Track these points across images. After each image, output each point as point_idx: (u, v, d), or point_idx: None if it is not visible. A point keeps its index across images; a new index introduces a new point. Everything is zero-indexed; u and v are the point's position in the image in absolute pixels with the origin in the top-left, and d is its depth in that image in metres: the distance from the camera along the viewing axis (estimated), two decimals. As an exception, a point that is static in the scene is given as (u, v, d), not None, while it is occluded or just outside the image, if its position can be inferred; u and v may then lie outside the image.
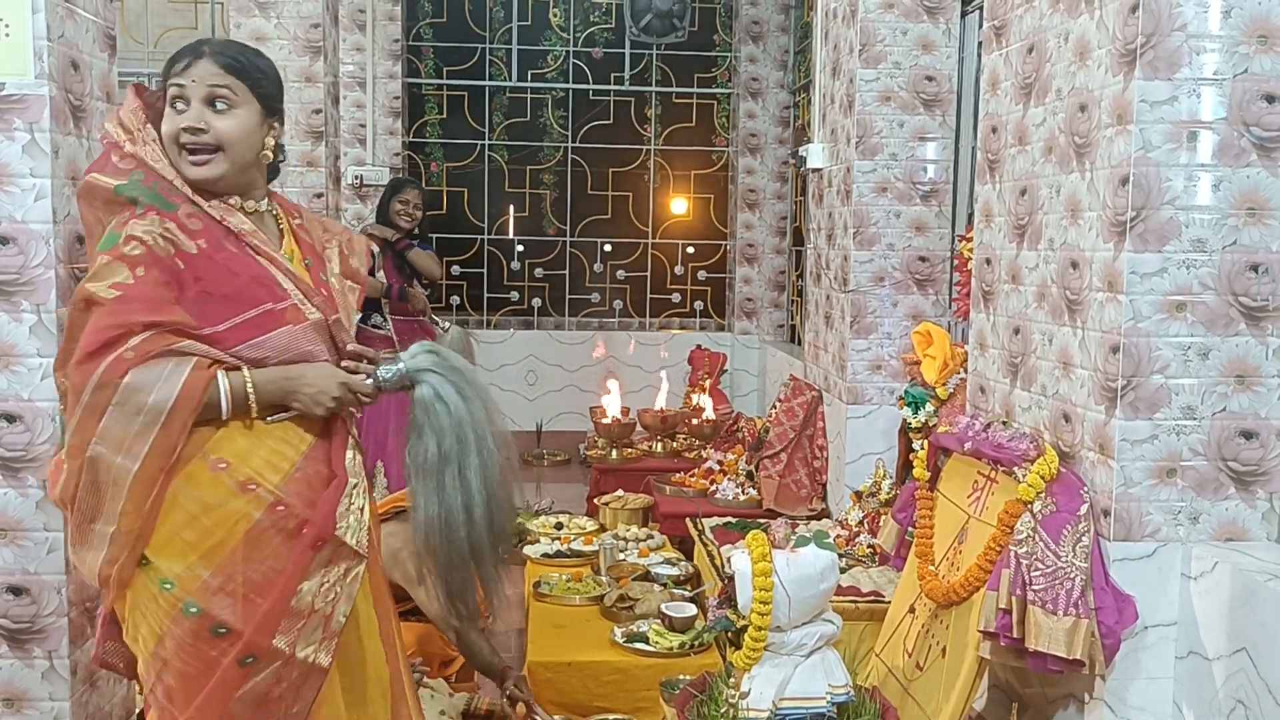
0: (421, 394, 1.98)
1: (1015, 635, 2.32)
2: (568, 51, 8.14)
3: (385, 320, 4.91)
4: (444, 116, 8.15)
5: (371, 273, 4.89)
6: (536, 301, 8.25)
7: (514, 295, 8.27)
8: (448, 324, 4.98)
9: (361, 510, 1.98)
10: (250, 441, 1.89)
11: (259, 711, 1.88)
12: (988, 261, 2.94)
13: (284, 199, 2.17)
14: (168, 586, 1.83)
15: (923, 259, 4.41)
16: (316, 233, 2.17)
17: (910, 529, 3.01)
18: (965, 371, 3.27)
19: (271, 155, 2.03)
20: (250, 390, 1.86)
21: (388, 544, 2.52)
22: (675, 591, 3.62)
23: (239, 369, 1.87)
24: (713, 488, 4.91)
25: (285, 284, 1.97)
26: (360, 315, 2.66)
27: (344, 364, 2.00)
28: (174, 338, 1.81)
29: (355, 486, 1.97)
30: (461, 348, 2.36)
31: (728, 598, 2.43)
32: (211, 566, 1.84)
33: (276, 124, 2.02)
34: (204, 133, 1.91)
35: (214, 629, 1.83)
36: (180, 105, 1.92)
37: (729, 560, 2.44)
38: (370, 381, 1.98)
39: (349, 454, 1.99)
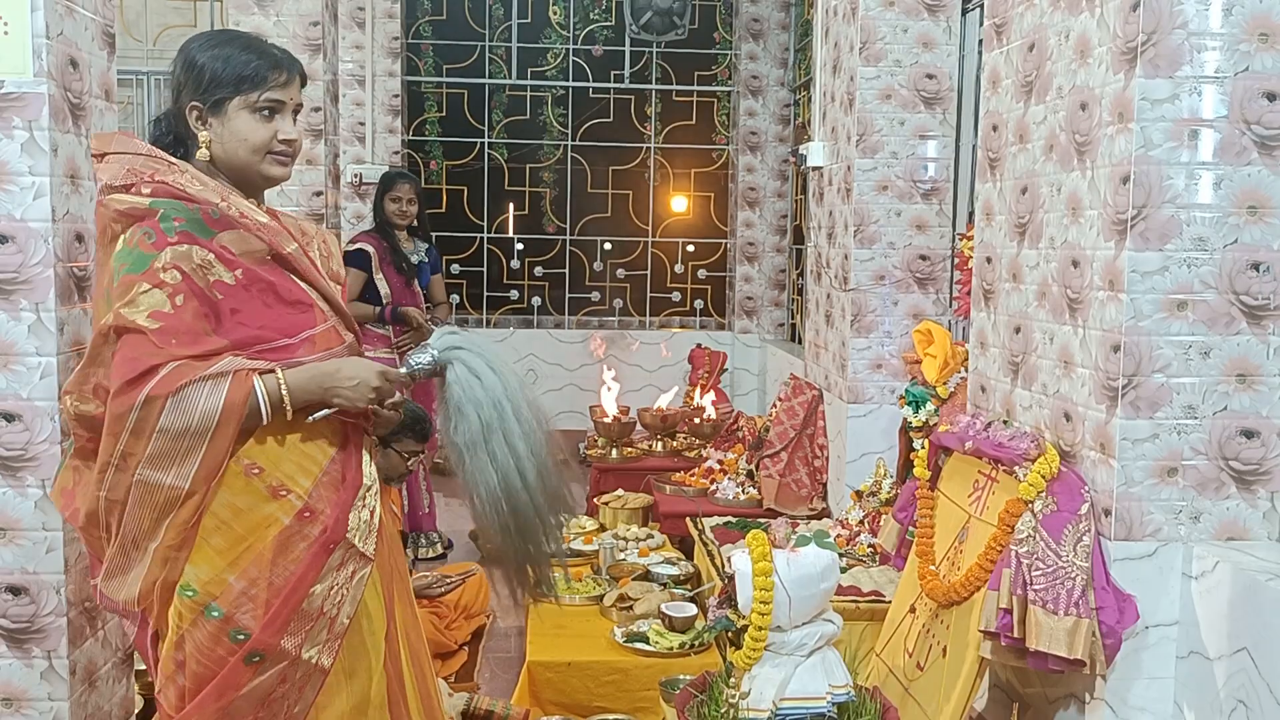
0: (456, 373, 2.01)
1: (1016, 635, 2.31)
2: (567, 49, 8.13)
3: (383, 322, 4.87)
4: (443, 114, 8.15)
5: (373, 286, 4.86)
6: (536, 300, 8.25)
7: (514, 294, 8.26)
8: (436, 323, 4.92)
9: (373, 513, 1.98)
10: (282, 446, 1.90)
11: (260, 711, 1.89)
12: (988, 260, 2.94)
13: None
14: (189, 593, 1.85)
15: (923, 257, 4.41)
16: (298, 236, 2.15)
17: (911, 528, 3.00)
18: (966, 370, 3.27)
19: None
20: (284, 393, 1.86)
21: None
22: (675, 591, 3.62)
23: (272, 371, 1.87)
24: (713, 487, 4.90)
25: (323, 305, 2.01)
26: None
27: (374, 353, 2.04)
28: (207, 366, 1.82)
29: (369, 489, 1.99)
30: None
31: (728, 597, 2.42)
32: (238, 571, 1.85)
33: None
34: (297, 143, 2.03)
35: (233, 633, 1.85)
36: (270, 115, 1.99)
37: (729, 560, 2.44)
38: (405, 370, 2.01)
39: (366, 457, 2.01)
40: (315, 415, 1.92)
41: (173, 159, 1.95)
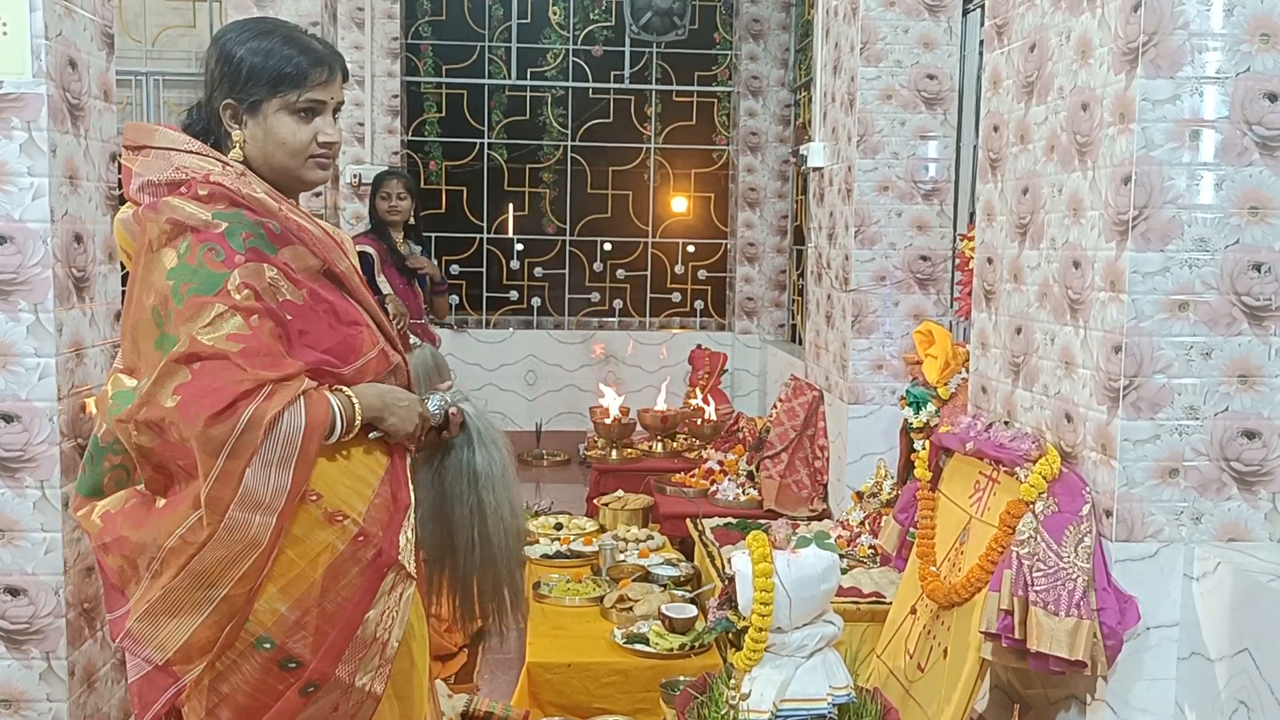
0: (469, 408, 2.08)
1: (1017, 636, 2.31)
2: (567, 49, 8.13)
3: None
4: (443, 115, 8.15)
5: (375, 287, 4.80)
6: (536, 301, 8.25)
7: (513, 294, 8.26)
8: (416, 341, 4.91)
9: (413, 530, 1.91)
10: (337, 470, 1.80)
11: None
12: (989, 260, 2.93)
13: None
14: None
15: (924, 258, 4.41)
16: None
17: (912, 529, 3.00)
18: (967, 371, 3.27)
19: None
20: (356, 406, 1.80)
21: None
22: (675, 592, 3.61)
23: (340, 390, 1.82)
24: (713, 488, 4.90)
25: (371, 325, 1.94)
26: None
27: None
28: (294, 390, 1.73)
29: (413, 509, 1.91)
30: (428, 369, 2.38)
31: (728, 598, 2.42)
32: (289, 600, 1.74)
33: None
34: (337, 144, 1.96)
35: (284, 662, 1.74)
36: (310, 115, 1.90)
37: (729, 561, 2.44)
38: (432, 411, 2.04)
39: (410, 476, 1.94)
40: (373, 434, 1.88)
41: (226, 159, 1.85)
